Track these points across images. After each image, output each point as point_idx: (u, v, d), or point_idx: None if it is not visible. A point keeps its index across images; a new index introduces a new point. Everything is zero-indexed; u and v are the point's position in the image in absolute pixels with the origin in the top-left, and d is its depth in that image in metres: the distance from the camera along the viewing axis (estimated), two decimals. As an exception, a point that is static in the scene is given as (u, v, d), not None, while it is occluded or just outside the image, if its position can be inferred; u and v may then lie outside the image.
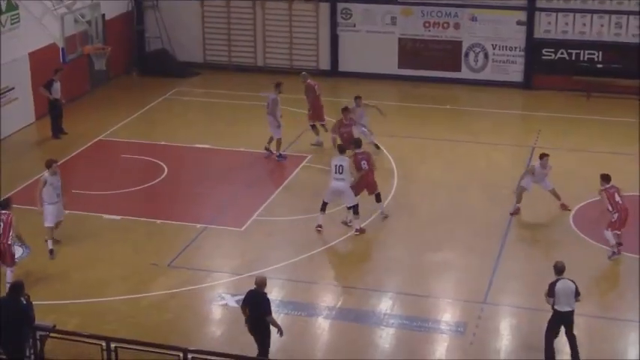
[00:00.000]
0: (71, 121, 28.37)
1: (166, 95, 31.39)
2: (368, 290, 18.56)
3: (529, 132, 27.65)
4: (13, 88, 27.35)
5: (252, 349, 15.61)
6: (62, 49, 29.04)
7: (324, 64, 33.59)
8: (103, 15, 29.70)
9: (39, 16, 26.57)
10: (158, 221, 21.70)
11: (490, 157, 25.80)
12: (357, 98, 25.37)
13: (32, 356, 14.72)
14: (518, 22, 31.52)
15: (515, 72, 31.91)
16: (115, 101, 30.80)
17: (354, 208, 20.87)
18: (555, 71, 31.35)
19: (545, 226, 21.40)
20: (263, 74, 33.44)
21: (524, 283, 19.02)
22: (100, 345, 14.37)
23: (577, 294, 15.83)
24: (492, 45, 31.96)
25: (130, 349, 14.65)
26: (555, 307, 15.81)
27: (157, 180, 24.02)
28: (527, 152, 25.77)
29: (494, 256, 19.90)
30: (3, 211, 18.47)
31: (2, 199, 19.32)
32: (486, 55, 32.11)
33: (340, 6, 32.98)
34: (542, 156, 21.73)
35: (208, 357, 14.79)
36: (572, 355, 16.06)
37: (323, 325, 17.50)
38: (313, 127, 26.36)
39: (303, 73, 27.45)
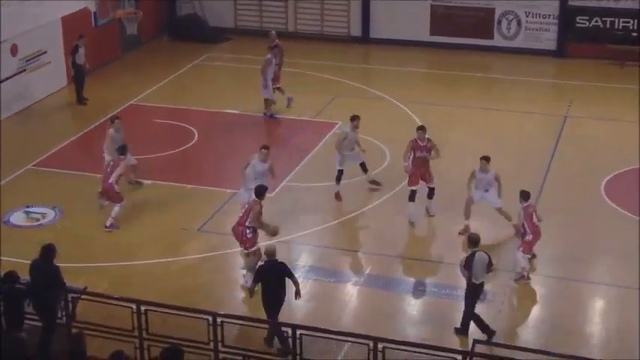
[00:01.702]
0: (103, 86, 28.51)
1: (197, 61, 31.40)
2: (397, 257, 18.58)
3: (561, 101, 27.42)
4: (45, 52, 27.45)
5: (281, 314, 15.65)
6: (94, 13, 29.17)
7: (356, 31, 33.42)
8: (135, -21, 29.72)
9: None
10: (188, 186, 21.79)
11: (521, 126, 25.64)
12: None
13: (64, 318, 14.88)
14: (553, -11, 31.20)
15: (548, 40, 31.59)
16: (146, 66, 30.85)
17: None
18: (589, 39, 31.00)
19: (576, 196, 21.25)
20: (294, 40, 33.30)
21: (555, 252, 18.94)
22: (131, 308, 14.48)
23: (490, 265, 15.70)
24: (525, 12, 31.63)
25: (160, 312, 14.78)
26: (472, 279, 15.62)
27: (188, 145, 24.10)
28: (559, 121, 25.59)
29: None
30: (119, 156, 19.82)
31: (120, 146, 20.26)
32: (519, 23, 31.81)
33: (373, -28, 32.78)
34: (482, 159, 19.44)
35: (237, 321, 14.91)
36: (462, 323, 15.98)
37: (351, 291, 17.55)
38: (279, 89, 26.11)
39: (273, 32, 27.00)
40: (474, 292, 15.84)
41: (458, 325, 16.24)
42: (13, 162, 22.90)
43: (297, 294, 15.41)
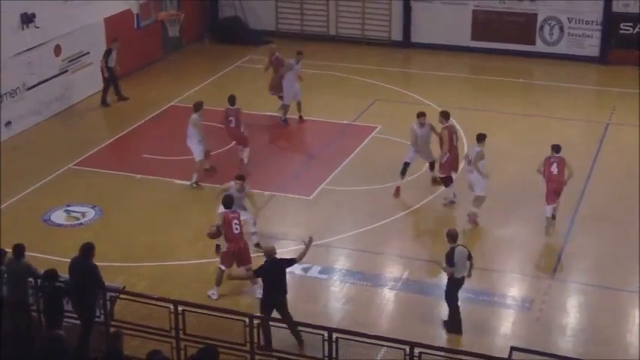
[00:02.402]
0: (144, 87, 28.74)
1: (238, 63, 31.53)
2: (434, 262, 18.47)
3: (603, 108, 27.19)
4: (87, 53, 27.69)
5: (317, 317, 15.67)
6: (137, 14, 29.39)
7: (397, 35, 33.38)
8: (178, -18, 29.92)
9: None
10: (227, 188, 21.85)
11: (562, 133, 25.42)
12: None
13: (102, 317, 14.99)
14: (597, -5, 30.95)
15: (591, 46, 31.33)
16: (188, 68, 31.03)
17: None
18: (632, 46, 30.70)
19: (617, 203, 21.05)
20: (335, 43, 33.39)
21: (594, 260, 18.79)
22: (168, 308, 14.58)
23: (469, 257, 15.84)
24: (568, 18, 31.41)
25: (197, 312, 14.85)
26: (454, 274, 15.79)
27: (227, 147, 24.19)
28: (602, 128, 25.37)
29: (564, 231, 19.69)
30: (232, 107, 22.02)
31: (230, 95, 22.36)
32: (562, 29, 31.59)
33: (414, -24, 32.73)
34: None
35: (273, 323, 14.93)
36: (450, 319, 16.21)
37: (388, 295, 17.53)
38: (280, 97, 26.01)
39: (273, 45, 27.26)
40: (456, 287, 15.99)
41: (495, 331, 16.16)
42: (54, 161, 23.16)
43: (310, 241, 15.74)
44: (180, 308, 14.54)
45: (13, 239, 16.13)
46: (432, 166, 21.89)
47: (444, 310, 16.96)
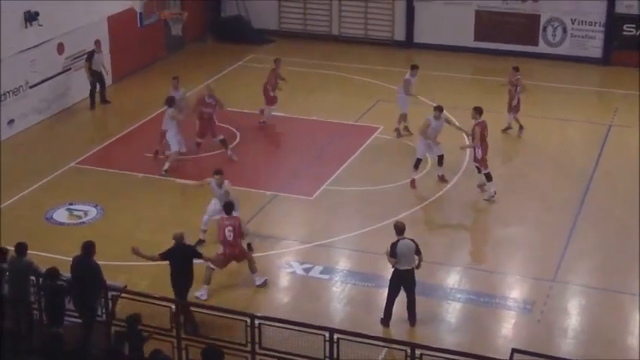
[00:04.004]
0: (146, 86, 28.74)
1: (241, 62, 31.52)
2: (435, 263, 18.47)
3: (606, 109, 27.17)
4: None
5: (318, 318, 15.66)
6: (139, 13, 29.38)
7: (400, 35, 33.36)
8: (181, -20, 29.91)
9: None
10: (229, 187, 21.85)
11: (564, 134, 25.46)
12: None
13: (104, 315, 14.99)
14: (600, -4, 30.93)
15: (594, 47, 31.30)
16: (190, 67, 30.99)
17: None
18: (635, 47, 30.67)
19: (619, 205, 21.02)
20: (338, 43, 33.38)
21: (596, 262, 18.77)
22: (170, 307, 14.56)
23: (418, 252, 16.01)
24: (571, 19, 31.39)
25: (199, 312, 14.83)
26: (397, 266, 15.97)
27: (230, 146, 24.17)
28: (604, 130, 25.35)
29: (566, 233, 19.67)
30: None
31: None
32: (565, 30, 31.56)
33: (418, -24, 32.72)
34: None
35: (275, 324, 14.92)
36: (409, 316, 16.32)
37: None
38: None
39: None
40: (398, 278, 16.15)
41: (497, 333, 16.17)
42: (56, 160, 23.17)
43: (208, 261, 16.53)
44: (181, 307, 14.52)
45: (16, 237, 16.16)
46: (440, 161, 22.00)
47: (445, 312, 16.97)
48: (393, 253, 15.95)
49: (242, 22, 34.39)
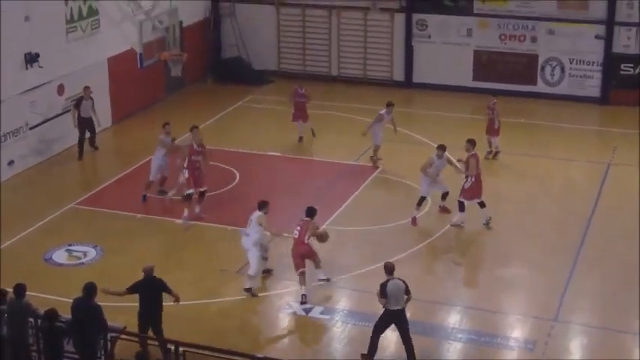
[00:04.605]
0: (146, 127, 28.78)
1: (240, 102, 31.62)
2: (436, 303, 18.44)
3: (605, 148, 27.23)
4: (91, 92, 27.70)
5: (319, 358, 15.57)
6: (140, 54, 29.48)
7: (398, 75, 33.52)
8: (181, 22, 30.07)
9: (118, 22, 27.01)
10: (229, 227, 21.82)
11: (564, 173, 25.48)
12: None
13: (103, 357, 14.92)
14: (597, 37, 31.05)
15: (592, 87, 31.45)
16: (190, 107, 31.10)
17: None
18: (633, 87, 30.81)
19: (620, 245, 20.98)
20: (337, 83, 33.51)
21: (597, 301, 18.72)
22: (170, 348, 14.48)
23: (407, 292, 16.03)
24: (569, 59, 31.56)
25: (198, 353, 14.76)
26: (386, 306, 16.00)
27: (229, 186, 24.19)
28: (603, 169, 25.39)
29: (567, 272, 19.63)
30: None
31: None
32: (563, 69, 31.72)
33: (416, 17, 32.87)
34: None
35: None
36: (407, 357, 16.21)
37: (390, 336, 17.38)
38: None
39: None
40: (387, 318, 16.16)
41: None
42: (55, 201, 23.16)
43: (177, 300, 16.35)
44: (181, 349, 14.47)
45: (15, 279, 16.10)
46: (444, 196, 22.26)
47: (446, 352, 16.88)
48: (382, 293, 15.98)
49: (242, 63, 34.55)
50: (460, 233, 21.51)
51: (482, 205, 21.73)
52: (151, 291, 16.06)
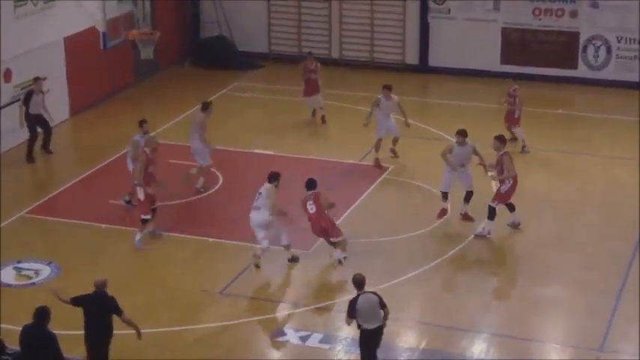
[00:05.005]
0: (111, 119, 28.77)
1: (223, 91, 31.62)
2: (458, 329, 18.41)
3: (658, 143, 27.22)
4: (45, 79, 27.67)
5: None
6: (103, 33, 29.49)
7: (412, 58, 33.53)
8: (152, -6, 30.12)
9: (77, -6, 27.04)
10: (210, 239, 21.79)
11: (609, 173, 25.46)
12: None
13: (58, 395, 14.88)
14: (651, 11, 31.13)
15: (644, 71, 31.52)
16: (164, 96, 31.09)
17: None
18: (693, 70, 30.91)
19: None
20: (338, 68, 33.48)
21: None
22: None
23: (382, 306, 16.04)
24: (617, 37, 31.56)
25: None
26: (362, 325, 15.94)
27: (211, 191, 24.15)
28: (655, 168, 25.40)
29: (614, 293, 19.60)
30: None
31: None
32: (609, 50, 31.72)
33: (433, -12, 32.96)
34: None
35: None
36: None
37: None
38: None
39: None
40: (365, 340, 16.12)
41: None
42: (2, 209, 23.04)
43: (139, 335, 16.15)
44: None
45: (-47, 302, 16.07)
46: (467, 198, 22.28)
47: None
48: (351, 312, 15.94)
49: (225, 43, 34.54)
50: (486, 245, 21.46)
51: (511, 208, 21.73)
52: (98, 309, 15.95)
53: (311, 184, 20.93)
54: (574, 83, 31.88)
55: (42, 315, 15.00)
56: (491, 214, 21.59)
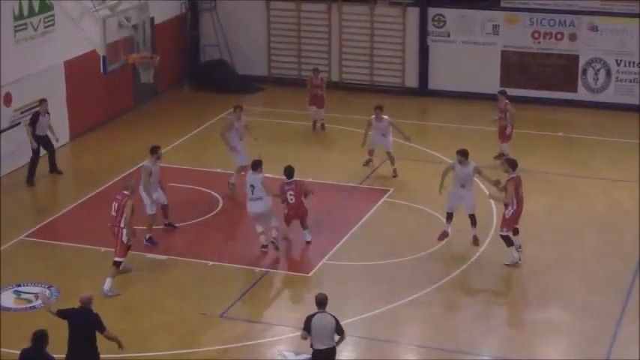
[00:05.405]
0: (111, 143, 28.77)
1: (223, 114, 31.59)
2: (458, 353, 18.34)
3: (658, 166, 27.22)
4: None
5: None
6: (103, 57, 29.43)
7: (411, 81, 33.56)
8: (152, 18, 30.12)
9: (77, 19, 27.01)
10: (210, 263, 21.76)
11: (609, 195, 25.44)
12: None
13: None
14: (649, 34, 31.19)
15: (643, 94, 31.54)
16: (164, 120, 31.10)
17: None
18: (692, 93, 30.94)
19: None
20: (338, 91, 33.50)
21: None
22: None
23: (339, 331, 15.92)
24: (616, 60, 31.61)
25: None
26: (313, 345, 15.91)
27: (210, 214, 24.11)
28: (656, 191, 25.38)
29: (615, 317, 19.54)
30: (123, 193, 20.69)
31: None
32: (608, 73, 31.76)
33: (432, 11, 33.00)
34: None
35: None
36: None
37: None
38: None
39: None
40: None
41: None
42: (2, 232, 23.01)
43: (120, 346, 16.31)
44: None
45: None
46: (473, 221, 22.28)
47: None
48: (306, 326, 15.96)
49: (225, 67, 34.60)
50: (486, 268, 21.41)
51: (515, 231, 21.71)
52: (82, 325, 15.95)
53: (290, 172, 22.20)
54: (574, 106, 31.93)
55: (40, 339, 14.98)
56: (506, 241, 21.40)
